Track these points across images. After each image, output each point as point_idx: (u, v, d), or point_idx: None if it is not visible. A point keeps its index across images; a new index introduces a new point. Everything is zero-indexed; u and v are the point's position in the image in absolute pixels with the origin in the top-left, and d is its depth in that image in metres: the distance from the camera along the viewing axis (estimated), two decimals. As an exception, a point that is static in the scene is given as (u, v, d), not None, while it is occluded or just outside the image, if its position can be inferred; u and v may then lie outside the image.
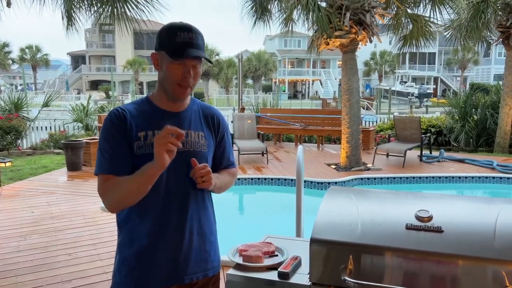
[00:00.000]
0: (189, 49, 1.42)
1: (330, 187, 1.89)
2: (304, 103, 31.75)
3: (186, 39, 1.42)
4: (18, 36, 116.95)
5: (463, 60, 42.54)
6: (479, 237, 1.39)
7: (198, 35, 1.46)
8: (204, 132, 1.59)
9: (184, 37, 1.42)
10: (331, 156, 9.01)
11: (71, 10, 6.04)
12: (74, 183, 6.79)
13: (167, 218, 1.50)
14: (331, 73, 46.60)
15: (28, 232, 4.51)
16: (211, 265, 1.61)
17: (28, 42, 47.31)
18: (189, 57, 1.42)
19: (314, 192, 6.42)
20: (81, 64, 47.50)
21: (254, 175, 7.07)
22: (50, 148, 10.24)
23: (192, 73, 1.45)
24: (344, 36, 7.39)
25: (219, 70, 38.67)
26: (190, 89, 1.48)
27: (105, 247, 4.07)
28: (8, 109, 10.85)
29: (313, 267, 1.52)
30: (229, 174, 1.73)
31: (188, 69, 1.43)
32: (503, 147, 9.79)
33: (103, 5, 5.82)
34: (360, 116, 7.96)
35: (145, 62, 40.19)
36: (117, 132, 1.46)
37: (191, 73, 1.44)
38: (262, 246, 1.82)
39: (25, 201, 5.68)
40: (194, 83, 1.48)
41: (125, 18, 5.87)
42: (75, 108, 11.95)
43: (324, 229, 1.55)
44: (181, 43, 1.42)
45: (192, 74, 1.45)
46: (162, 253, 1.50)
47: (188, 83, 1.46)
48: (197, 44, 1.44)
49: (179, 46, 1.41)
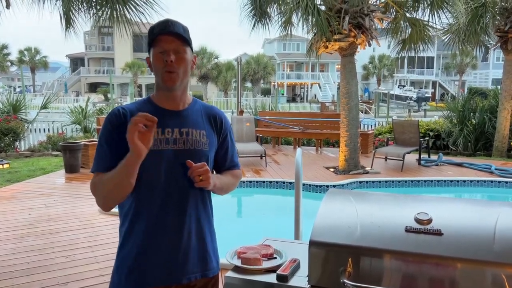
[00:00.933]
0: (164, 32, 1.45)
1: (329, 189, 1.89)
2: (302, 107, 31.78)
3: (161, 27, 1.46)
4: (17, 38, 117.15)
5: (461, 64, 42.67)
6: (479, 240, 1.38)
7: (174, 23, 1.48)
8: (206, 130, 1.58)
9: (159, 27, 1.47)
10: (330, 160, 9.01)
11: (69, 12, 6.04)
12: (72, 185, 6.77)
13: (166, 217, 1.49)
14: (329, 77, 46.69)
15: (25, 234, 4.48)
16: (210, 265, 1.60)
17: (27, 44, 47.21)
18: (163, 35, 1.44)
19: (312, 195, 6.41)
20: (80, 66, 47.52)
21: (252, 178, 7.05)
22: (48, 150, 10.21)
23: (173, 57, 1.44)
24: (343, 40, 7.41)
25: (218, 73, 38.73)
26: (176, 74, 1.47)
27: (102, 249, 4.04)
28: (6, 110, 10.82)
29: (312, 270, 1.51)
30: (232, 176, 1.71)
31: (169, 53, 1.44)
32: (501, 151, 9.80)
33: (102, 7, 5.81)
34: (358, 119, 7.96)
35: (144, 64, 40.18)
36: (116, 132, 1.46)
37: (171, 56, 1.44)
38: (261, 248, 1.81)
39: (22, 203, 5.66)
40: (181, 69, 1.48)
41: (124, 20, 5.86)
42: (73, 110, 11.92)
43: (323, 231, 1.54)
44: (156, 32, 1.46)
45: (174, 58, 1.45)
46: (160, 253, 1.49)
47: (173, 68, 1.46)
48: (172, 29, 1.46)
49: (156, 34, 1.46)
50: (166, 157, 1.49)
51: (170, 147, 1.50)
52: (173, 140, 1.50)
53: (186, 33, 1.50)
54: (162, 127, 1.50)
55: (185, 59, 1.49)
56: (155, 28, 1.48)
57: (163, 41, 1.45)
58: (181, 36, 1.46)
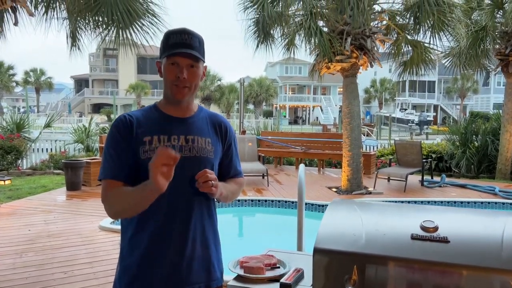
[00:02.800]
0: (180, 48, 1.44)
1: (333, 200, 1.87)
2: (304, 129, 31.86)
3: (178, 40, 1.45)
4: (22, 60, 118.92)
5: (463, 88, 42.95)
6: (486, 247, 1.36)
7: (192, 36, 1.47)
8: (211, 138, 1.58)
9: (176, 38, 1.45)
10: (332, 180, 8.97)
11: (75, 31, 6.14)
12: (73, 203, 6.73)
13: (170, 225, 1.47)
14: (331, 99, 47.00)
15: (24, 249, 4.43)
16: (214, 276, 1.56)
17: (33, 65, 47.82)
18: (179, 54, 1.43)
19: (315, 214, 6.35)
20: (84, 87, 47.98)
21: (254, 197, 7.01)
22: (50, 168, 10.21)
23: (186, 73, 1.44)
24: (345, 61, 7.49)
25: (220, 95, 39.02)
26: (188, 89, 1.47)
27: (101, 265, 3.99)
28: (10, 129, 10.87)
29: (316, 278, 1.48)
30: (236, 184, 1.70)
31: (182, 69, 1.44)
32: (505, 174, 9.74)
33: (108, 26, 5.90)
34: (361, 140, 7.96)
35: (147, 86, 40.62)
36: (122, 138, 1.46)
37: (184, 72, 1.44)
38: (264, 258, 1.79)
39: (22, 219, 5.62)
40: (192, 83, 1.48)
41: (130, 42, 5.92)
42: (76, 129, 11.97)
43: (327, 239, 1.52)
44: (173, 44, 1.45)
45: (187, 74, 1.45)
46: (164, 262, 1.46)
47: (183, 83, 1.45)
48: (189, 44, 1.45)
49: (171, 47, 1.44)
50: None
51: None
52: (179, 147, 1.50)
53: (201, 46, 1.50)
54: (168, 134, 1.49)
55: (197, 74, 1.49)
56: (171, 38, 1.46)
57: (177, 56, 1.44)
58: (196, 52, 1.46)
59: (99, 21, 5.95)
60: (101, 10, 5.54)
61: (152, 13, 5.93)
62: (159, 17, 5.91)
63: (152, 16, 5.92)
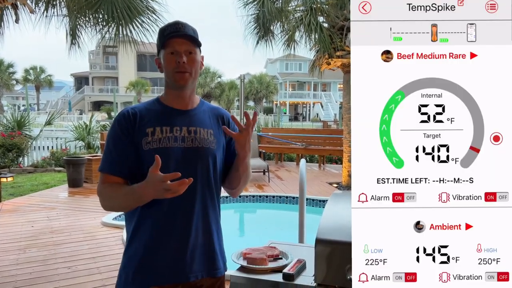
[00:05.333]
0: (176, 35, 1.49)
1: (333, 192, 1.89)
2: (305, 125, 31.83)
3: (172, 30, 1.50)
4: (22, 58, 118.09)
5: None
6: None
7: (185, 25, 1.52)
8: (213, 130, 1.60)
9: (171, 28, 1.51)
10: (333, 176, 8.99)
11: (75, 28, 6.14)
12: (75, 199, 6.76)
13: (174, 215, 1.49)
14: (332, 96, 46.94)
15: (27, 245, 4.46)
16: (217, 265, 1.58)
17: (33, 63, 47.83)
18: (176, 36, 1.48)
19: (316, 210, 6.37)
20: (84, 85, 47.96)
21: (255, 193, 7.04)
22: (51, 166, 10.24)
23: (185, 58, 1.48)
24: (345, 56, 7.48)
25: (221, 92, 39.02)
26: (189, 74, 1.51)
27: (104, 260, 4.02)
28: (11, 127, 10.89)
29: (318, 268, 1.51)
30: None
31: (181, 54, 1.48)
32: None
33: (108, 23, 5.90)
34: (361, 135, 7.97)
35: (147, 83, 40.56)
36: (123, 133, 1.48)
37: (183, 57, 1.48)
38: (266, 250, 1.81)
39: (25, 216, 5.65)
40: (193, 69, 1.51)
41: (130, 39, 5.93)
42: (77, 127, 11.99)
43: (329, 230, 1.55)
44: (168, 34, 1.50)
45: (186, 59, 1.49)
46: (168, 251, 1.48)
47: (184, 68, 1.49)
48: (183, 31, 1.50)
49: (167, 37, 1.49)
50: (174, 155, 1.49)
51: (179, 145, 1.51)
52: (182, 138, 1.51)
53: (196, 34, 1.54)
54: (171, 125, 1.52)
55: (196, 60, 1.52)
56: (166, 30, 1.51)
57: (174, 43, 1.49)
58: (192, 38, 1.50)
59: (99, 18, 5.96)
60: (101, 7, 5.55)
61: (152, 10, 5.94)
62: (159, 14, 5.93)
63: (152, 13, 5.93)
